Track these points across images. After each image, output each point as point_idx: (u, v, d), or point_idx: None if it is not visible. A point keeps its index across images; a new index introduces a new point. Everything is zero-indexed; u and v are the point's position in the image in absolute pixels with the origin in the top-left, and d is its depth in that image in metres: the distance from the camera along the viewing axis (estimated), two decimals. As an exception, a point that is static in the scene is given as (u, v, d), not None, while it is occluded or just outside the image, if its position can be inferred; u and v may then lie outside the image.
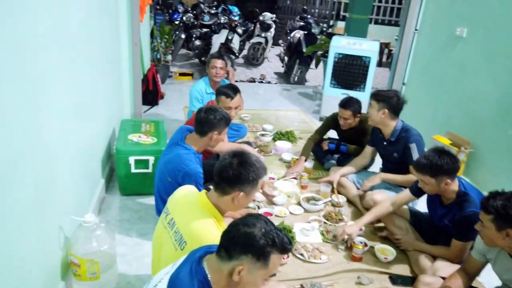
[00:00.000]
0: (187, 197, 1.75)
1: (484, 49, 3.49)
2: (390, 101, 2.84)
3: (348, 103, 3.26)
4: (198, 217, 1.61)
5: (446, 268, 2.18)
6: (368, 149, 3.21)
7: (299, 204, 3.06)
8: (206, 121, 2.30)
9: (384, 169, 3.18)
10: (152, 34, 5.89)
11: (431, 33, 4.28)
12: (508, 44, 3.22)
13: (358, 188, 3.12)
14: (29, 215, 1.53)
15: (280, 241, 1.22)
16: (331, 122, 3.56)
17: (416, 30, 4.52)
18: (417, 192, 2.47)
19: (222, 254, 1.23)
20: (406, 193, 2.55)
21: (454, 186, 2.21)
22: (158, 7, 7.86)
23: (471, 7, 3.67)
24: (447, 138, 3.63)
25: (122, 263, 2.27)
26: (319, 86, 6.92)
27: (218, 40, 6.90)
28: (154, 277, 1.36)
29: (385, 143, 3.00)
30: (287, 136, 4.24)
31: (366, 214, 2.60)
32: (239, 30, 7.66)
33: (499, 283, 1.92)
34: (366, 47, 4.75)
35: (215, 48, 6.80)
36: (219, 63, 3.57)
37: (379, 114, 2.87)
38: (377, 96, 2.91)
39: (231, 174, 1.61)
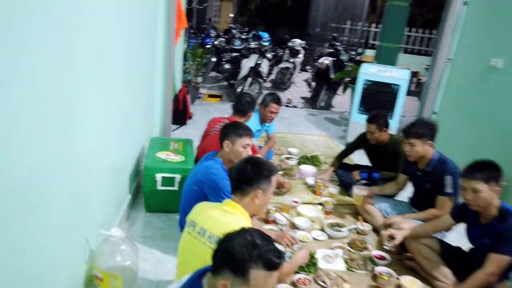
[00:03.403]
0: (212, 206, 1.84)
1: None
2: (430, 132, 2.77)
3: (374, 117, 3.37)
4: (230, 217, 1.70)
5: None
6: (402, 177, 3.15)
7: (322, 230, 3.00)
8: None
9: (414, 198, 3.10)
10: (185, 56, 6.09)
11: (464, 63, 4.21)
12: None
13: (385, 217, 3.04)
14: (64, 226, 1.58)
15: (260, 255, 1.14)
16: (361, 139, 3.64)
17: (449, 59, 4.46)
18: (458, 217, 2.44)
19: (213, 269, 1.22)
20: (447, 218, 2.49)
21: (496, 201, 2.17)
22: (192, 31, 8.15)
23: (507, 37, 3.60)
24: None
25: (144, 280, 2.28)
26: (346, 112, 6.89)
27: (247, 64, 7.05)
28: None
29: (419, 173, 2.92)
30: (312, 160, 4.22)
31: (406, 228, 2.64)
32: (269, 55, 7.79)
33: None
34: (396, 74, 4.73)
35: (244, 71, 6.94)
36: (277, 108, 3.68)
37: (425, 147, 2.78)
38: (416, 134, 2.76)
39: (247, 175, 1.77)
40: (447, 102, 4.43)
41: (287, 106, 7.11)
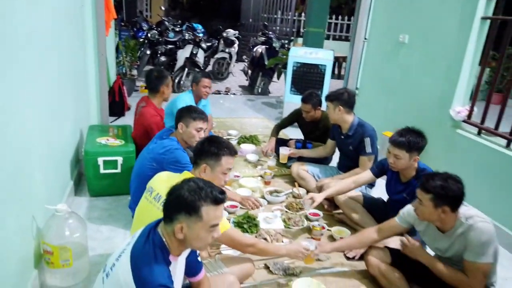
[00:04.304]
0: (171, 176, 1.97)
1: (423, 52, 3.90)
2: (342, 97, 3.15)
3: (308, 97, 3.64)
4: None
5: (395, 241, 2.45)
6: (329, 142, 3.52)
7: (262, 197, 3.26)
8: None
9: (341, 162, 3.46)
10: (117, 49, 6.03)
11: (378, 41, 4.68)
12: (443, 46, 3.63)
13: (316, 181, 3.37)
14: (5, 206, 1.63)
15: (207, 194, 1.35)
16: (295, 115, 3.94)
17: (365, 39, 4.93)
18: (377, 173, 2.77)
19: (167, 219, 1.39)
20: (367, 173, 2.81)
21: (414, 165, 2.51)
22: (122, 23, 8.00)
23: (411, 15, 4.09)
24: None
25: (94, 257, 2.36)
26: (282, 96, 7.24)
27: (183, 55, 7.12)
28: (118, 248, 1.47)
29: (342, 136, 3.28)
30: (251, 139, 4.48)
31: (330, 188, 2.82)
32: (204, 45, 7.91)
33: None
34: (321, 56, 5.12)
35: (180, 63, 7.00)
36: (209, 82, 3.77)
37: (336, 112, 3.15)
38: (329, 97, 3.21)
39: (200, 149, 1.96)
40: (366, 77, 4.91)
41: (227, 94, 7.31)
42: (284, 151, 3.69)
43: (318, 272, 2.41)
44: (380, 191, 3.16)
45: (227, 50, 8.42)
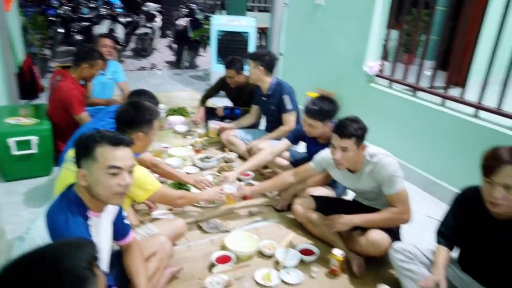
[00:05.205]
0: None
1: (338, 13, 4.07)
2: (263, 58, 3.23)
3: (230, 63, 3.67)
4: None
5: (319, 189, 2.62)
6: (253, 108, 3.58)
7: (194, 165, 3.26)
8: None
9: (268, 125, 3.56)
10: (25, 29, 5.49)
11: (297, 5, 4.78)
12: (354, 7, 3.81)
13: (246, 144, 3.44)
14: None
15: (103, 135, 1.35)
16: (220, 83, 3.95)
17: (285, 4, 5.00)
18: (294, 140, 2.87)
19: (77, 168, 1.38)
20: (284, 142, 2.88)
21: (330, 127, 2.58)
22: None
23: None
24: (317, 93, 4.15)
25: (14, 240, 2.22)
26: (209, 69, 7.16)
27: (99, 31, 6.68)
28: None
29: (264, 98, 3.35)
30: (179, 111, 4.41)
31: (246, 163, 2.86)
32: (123, 20, 7.48)
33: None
34: (244, 23, 5.13)
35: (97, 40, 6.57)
36: (109, 41, 3.65)
37: (255, 71, 3.22)
38: (251, 55, 3.31)
39: (129, 118, 1.91)
40: (289, 42, 5.01)
41: (152, 69, 7.06)
42: (213, 125, 3.71)
43: (251, 227, 2.50)
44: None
45: (149, 25, 8.06)
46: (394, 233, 2.13)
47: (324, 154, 2.31)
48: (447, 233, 1.82)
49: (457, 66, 4.26)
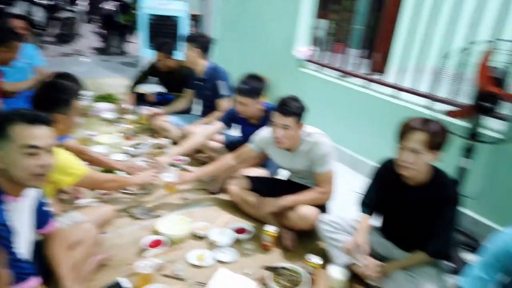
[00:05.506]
0: None
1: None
2: (199, 40, 3.22)
3: (159, 46, 3.64)
4: None
5: (255, 170, 2.66)
6: (187, 92, 3.53)
7: (125, 153, 3.13)
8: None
9: (203, 109, 3.51)
10: None
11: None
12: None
13: (180, 129, 3.37)
14: None
15: (17, 113, 1.27)
16: (150, 68, 3.85)
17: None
18: (227, 121, 2.84)
19: None
20: (217, 124, 2.85)
21: (261, 106, 2.63)
22: None
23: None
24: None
25: None
26: (139, 54, 6.89)
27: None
28: None
29: (199, 82, 3.31)
30: (107, 98, 4.21)
31: (178, 146, 2.81)
32: (43, 2, 6.89)
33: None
34: (175, 7, 4.99)
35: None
36: (20, 23, 3.42)
37: (191, 53, 3.19)
38: (189, 37, 3.27)
39: (45, 98, 1.79)
40: (224, 28, 4.99)
41: (77, 55, 6.62)
42: (145, 111, 3.62)
43: (185, 211, 2.48)
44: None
45: (71, 8, 7.51)
46: (321, 207, 2.23)
47: (262, 134, 2.35)
48: (369, 203, 1.96)
49: (379, 54, 4.54)
